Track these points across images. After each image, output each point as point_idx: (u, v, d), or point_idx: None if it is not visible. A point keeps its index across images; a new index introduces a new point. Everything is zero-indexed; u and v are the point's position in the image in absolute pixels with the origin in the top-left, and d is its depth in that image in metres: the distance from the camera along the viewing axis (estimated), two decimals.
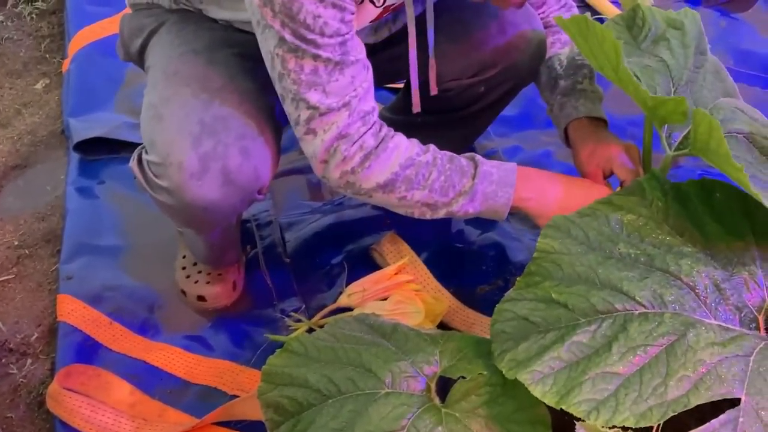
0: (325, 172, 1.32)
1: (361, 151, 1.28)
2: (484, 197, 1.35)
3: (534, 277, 1.12)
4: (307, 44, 1.20)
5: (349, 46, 1.24)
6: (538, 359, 1.03)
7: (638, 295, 1.06)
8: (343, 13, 1.20)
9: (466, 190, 1.34)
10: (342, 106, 1.25)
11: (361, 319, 1.35)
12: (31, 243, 1.82)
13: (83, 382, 1.50)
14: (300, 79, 1.23)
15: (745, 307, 1.10)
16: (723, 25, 2.35)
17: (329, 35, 1.20)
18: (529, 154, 1.97)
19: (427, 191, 1.33)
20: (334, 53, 1.22)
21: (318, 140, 1.28)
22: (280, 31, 1.20)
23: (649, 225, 1.15)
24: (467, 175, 1.34)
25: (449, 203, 1.34)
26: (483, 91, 1.56)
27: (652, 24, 1.38)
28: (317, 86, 1.23)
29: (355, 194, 1.34)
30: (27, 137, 2.08)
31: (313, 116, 1.25)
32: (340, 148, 1.28)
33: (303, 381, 1.22)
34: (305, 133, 1.28)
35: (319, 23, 1.19)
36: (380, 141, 1.30)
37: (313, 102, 1.24)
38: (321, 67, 1.22)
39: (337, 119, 1.25)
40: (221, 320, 1.64)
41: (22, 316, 1.67)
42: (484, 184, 1.34)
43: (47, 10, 2.49)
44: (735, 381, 1.01)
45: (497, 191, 1.35)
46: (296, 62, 1.22)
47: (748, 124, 1.34)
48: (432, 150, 1.34)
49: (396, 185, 1.32)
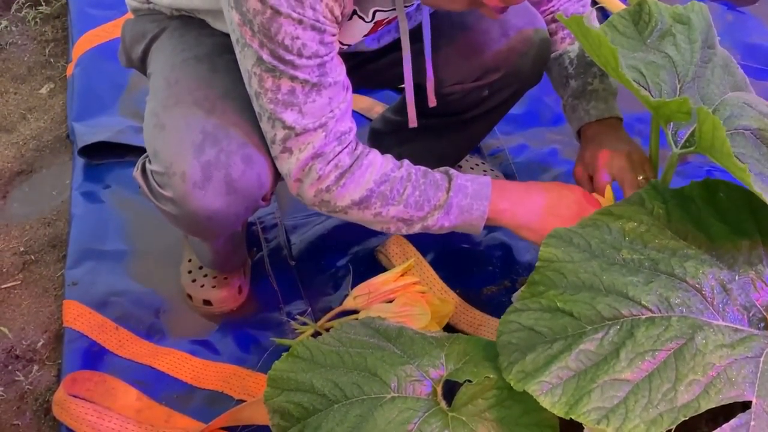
0: (299, 191, 1.32)
1: (337, 170, 1.28)
2: (459, 210, 1.34)
3: (538, 286, 1.11)
4: (285, 65, 1.20)
5: (327, 67, 1.24)
6: (546, 369, 1.02)
7: (644, 300, 1.05)
8: (322, 35, 1.20)
9: (441, 203, 1.33)
10: (318, 127, 1.25)
11: (366, 323, 1.34)
12: (36, 248, 1.82)
13: (89, 389, 1.50)
14: (277, 98, 1.23)
15: (753, 306, 1.09)
16: (730, 19, 2.32)
17: (307, 56, 1.20)
18: (535, 152, 1.96)
19: (402, 206, 1.32)
20: (311, 75, 1.22)
21: (293, 159, 1.28)
22: (258, 50, 1.19)
23: (651, 231, 1.14)
24: (442, 189, 1.34)
25: (424, 217, 1.34)
26: (487, 94, 1.55)
27: (659, 19, 1.37)
28: (294, 107, 1.23)
29: (331, 212, 1.34)
30: (32, 142, 2.07)
31: (289, 136, 1.25)
32: (315, 167, 1.28)
33: (309, 386, 1.21)
34: (281, 152, 1.28)
35: (297, 45, 1.18)
36: (355, 159, 1.30)
37: (290, 122, 1.24)
38: (298, 88, 1.22)
39: (312, 140, 1.26)
40: (227, 324, 1.63)
41: (28, 323, 1.67)
42: (458, 197, 1.34)
43: (51, 14, 2.48)
44: (745, 383, 1.00)
45: (472, 204, 1.34)
46: (273, 82, 1.22)
47: (756, 120, 1.32)
48: (406, 165, 1.34)
49: (371, 202, 1.31)
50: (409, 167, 1.34)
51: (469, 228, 1.38)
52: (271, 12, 1.16)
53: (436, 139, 1.67)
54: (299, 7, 1.16)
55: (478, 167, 1.83)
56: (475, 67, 1.50)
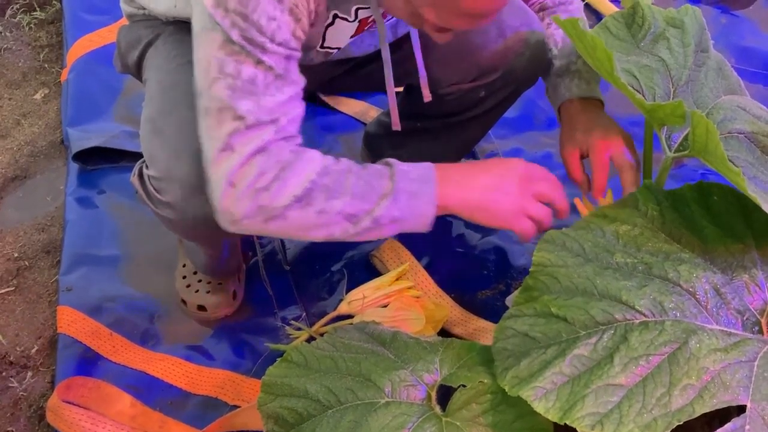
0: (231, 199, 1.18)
1: (278, 165, 1.18)
2: (407, 196, 1.23)
3: (532, 291, 1.11)
4: (254, 47, 1.14)
5: (291, 66, 1.18)
6: (540, 375, 1.02)
7: (638, 304, 1.05)
8: (297, 23, 1.16)
9: (387, 191, 1.23)
10: (271, 122, 1.17)
11: (360, 328, 1.34)
12: (30, 254, 1.81)
13: (83, 395, 1.49)
14: (235, 85, 1.15)
15: (747, 310, 1.09)
16: (724, 22, 2.33)
17: (278, 42, 1.15)
18: (530, 156, 1.96)
19: (349, 198, 1.21)
20: (277, 64, 1.16)
21: (234, 157, 1.17)
22: (228, 29, 1.13)
23: (645, 234, 1.14)
24: (385, 177, 1.24)
25: (372, 210, 1.22)
26: (483, 95, 1.55)
27: (652, 22, 1.37)
28: (251, 96, 1.15)
29: (268, 219, 1.20)
30: (26, 148, 2.07)
31: (238, 129, 1.16)
32: (257, 162, 1.17)
33: (303, 391, 1.21)
34: (221, 150, 1.17)
35: (272, 27, 1.14)
36: (295, 154, 1.20)
37: (243, 111, 1.15)
38: (260, 76, 1.15)
39: (262, 134, 1.17)
40: (222, 330, 1.63)
41: (22, 329, 1.67)
42: (404, 182, 1.24)
43: (45, 20, 2.48)
44: (740, 387, 1.00)
45: (420, 188, 1.24)
46: (235, 66, 1.15)
47: (750, 124, 1.32)
48: (344, 160, 1.25)
49: (314, 195, 1.20)
50: (348, 161, 1.25)
51: (420, 219, 1.26)
52: None
53: (431, 142, 1.67)
54: None
55: None
56: (471, 68, 1.50)
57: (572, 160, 1.42)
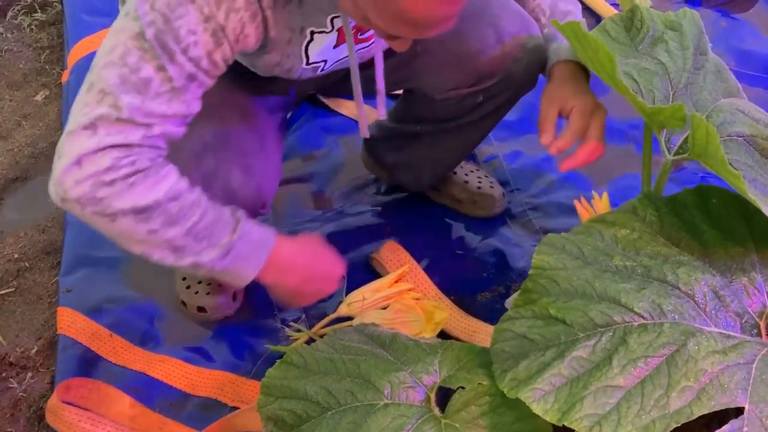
0: (68, 177, 1.13)
1: (132, 167, 1.13)
2: (236, 256, 1.24)
3: (531, 294, 1.11)
4: (163, 51, 1.11)
5: (192, 87, 1.15)
6: (539, 377, 1.02)
7: (636, 307, 1.05)
8: (217, 47, 1.14)
9: (223, 243, 1.22)
10: (143, 125, 1.13)
11: (360, 330, 1.34)
12: (31, 255, 1.81)
13: (83, 396, 1.49)
14: (129, 77, 1.11)
15: (746, 313, 1.09)
16: (724, 26, 2.33)
17: (189, 57, 1.12)
18: (530, 159, 1.96)
19: (183, 232, 1.18)
20: (178, 77, 1.13)
21: (93, 140, 1.11)
22: (145, 25, 1.10)
23: (644, 238, 1.14)
24: (228, 229, 1.23)
25: (199, 252, 1.21)
26: (482, 100, 1.55)
27: (651, 25, 1.37)
28: (139, 95, 1.11)
29: (96, 213, 1.15)
30: (27, 149, 2.07)
31: (110, 116, 1.11)
32: (111, 155, 1.11)
33: (302, 393, 1.21)
34: (83, 128, 1.11)
35: (189, 39, 1.11)
36: (154, 165, 1.16)
37: (123, 102, 1.11)
38: (156, 81, 1.12)
39: (130, 132, 1.12)
40: (222, 331, 1.63)
41: (22, 330, 1.67)
42: (241, 242, 1.24)
43: (46, 21, 2.49)
44: (738, 390, 1.00)
45: (250, 254, 1.26)
46: (137, 61, 1.11)
47: (749, 126, 1.32)
48: (198, 191, 1.21)
49: (153, 215, 1.15)
50: (201, 194, 1.21)
51: (235, 280, 1.28)
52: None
53: (431, 146, 1.67)
54: (214, 6, 1.11)
55: (473, 173, 1.83)
56: (469, 73, 1.50)
57: (550, 115, 1.39)
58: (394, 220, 1.81)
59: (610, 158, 1.93)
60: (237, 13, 1.13)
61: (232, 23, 1.13)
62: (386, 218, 1.81)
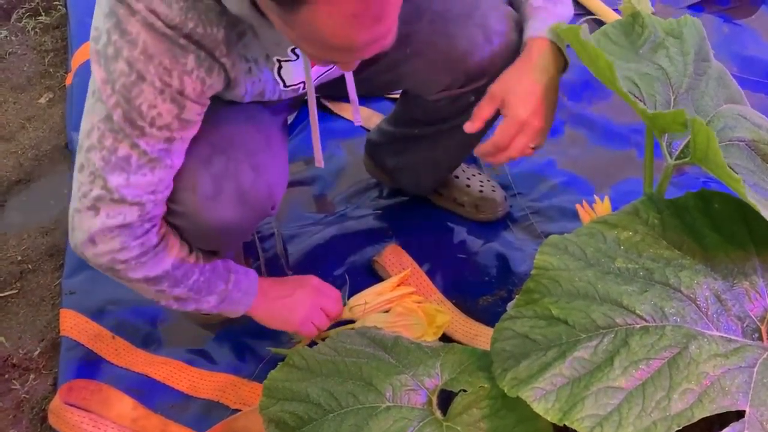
0: (87, 250, 1.27)
1: (142, 247, 1.26)
2: (230, 302, 1.41)
3: (533, 294, 1.11)
4: (133, 129, 1.18)
5: (174, 146, 1.22)
6: (540, 376, 1.02)
7: (639, 309, 1.06)
8: (181, 110, 1.18)
9: (220, 291, 1.39)
10: (135, 204, 1.22)
11: (362, 333, 1.34)
12: (34, 258, 1.82)
13: (85, 397, 1.50)
14: (110, 159, 1.19)
15: (747, 317, 1.09)
16: (726, 32, 2.33)
17: (158, 127, 1.18)
18: (532, 163, 1.96)
19: (186, 289, 1.35)
20: (153, 148, 1.19)
21: (98, 221, 1.23)
22: (111, 108, 1.17)
23: (646, 240, 1.15)
24: (223, 279, 1.39)
25: (199, 300, 1.38)
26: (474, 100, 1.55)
27: (652, 31, 1.38)
28: (123, 172, 1.20)
29: (114, 277, 1.32)
30: (31, 152, 2.08)
31: (104, 198, 1.21)
32: (119, 239, 1.24)
33: (304, 395, 1.22)
34: (87, 208, 1.23)
35: (152, 113, 1.17)
36: (161, 238, 1.29)
37: (112, 184, 1.20)
38: (134, 157, 1.19)
39: (126, 212, 1.22)
40: (224, 334, 1.63)
41: (25, 331, 1.67)
42: (235, 290, 1.41)
43: (51, 25, 2.49)
44: (739, 393, 1.00)
45: (242, 298, 1.43)
46: (113, 143, 1.19)
47: (750, 132, 1.33)
48: (195, 251, 1.36)
49: (162, 281, 1.31)
50: (198, 254, 1.36)
51: (229, 314, 1.46)
52: (136, 77, 1.14)
53: (430, 148, 1.67)
54: (166, 76, 1.15)
55: (475, 177, 1.84)
56: (460, 74, 1.50)
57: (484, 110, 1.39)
58: (396, 224, 1.81)
59: (611, 162, 1.96)
60: (191, 74, 1.17)
61: (190, 84, 1.17)
62: (388, 222, 1.82)
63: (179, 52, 1.15)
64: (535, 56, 1.37)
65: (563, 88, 2.14)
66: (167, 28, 1.13)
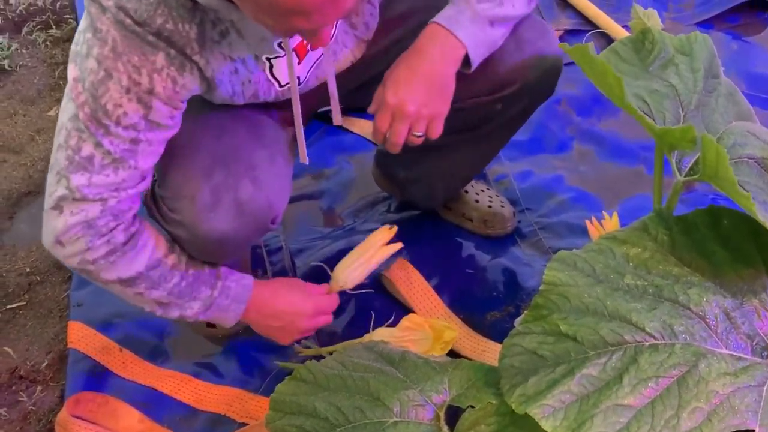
0: (59, 252, 1.27)
1: (108, 246, 1.25)
2: (217, 309, 1.39)
3: (541, 310, 1.10)
4: (98, 127, 1.18)
5: (140, 147, 1.21)
6: (549, 393, 1.02)
7: (648, 326, 1.05)
8: (147, 111, 1.18)
9: (203, 297, 1.36)
10: (97, 200, 1.22)
11: (369, 347, 1.34)
12: (42, 270, 1.82)
13: (92, 410, 1.50)
14: (73, 158, 1.20)
15: (757, 335, 1.09)
16: (735, 49, 2.33)
17: (124, 126, 1.18)
18: (540, 178, 1.96)
19: (166, 293, 1.33)
20: (117, 148, 1.19)
21: (61, 220, 1.23)
22: (79, 107, 1.18)
23: (656, 257, 1.14)
24: (208, 285, 1.37)
25: (183, 306, 1.36)
26: (500, 108, 1.55)
27: (662, 47, 1.38)
28: (85, 172, 1.20)
29: (91, 279, 1.32)
30: (40, 164, 2.09)
31: (67, 197, 1.22)
32: (84, 238, 1.24)
33: (311, 410, 1.21)
34: (52, 208, 1.24)
35: (118, 112, 1.17)
36: (130, 237, 1.27)
37: (73, 184, 1.20)
38: (97, 158, 1.20)
39: (87, 209, 1.22)
40: (231, 347, 1.63)
41: (32, 343, 1.67)
42: (221, 297, 1.38)
43: (61, 38, 2.51)
44: (748, 412, 1.00)
45: (230, 305, 1.40)
46: (77, 142, 1.19)
47: (760, 149, 1.32)
48: (178, 252, 1.34)
49: (137, 283, 1.30)
50: (180, 254, 1.34)
51: (221, 322, 1.44)
52: (104, 74, 1.15)
53: (447, 158, 1.66)
54: (135, 74, 1.15)
55: (484, 193, 1.83)
56: (489, 81, 1.49)
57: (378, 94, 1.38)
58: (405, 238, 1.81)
59: (620, 179, 1.96)
60: (161, 72, 1.17)
61: (160, 83, 1.18)
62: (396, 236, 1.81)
63: (148, 49, 1.15)
64: (420, 43, 1.36)
65: (571, 103, 2.17)
66: (136, 25, 1.13)
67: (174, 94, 1.20)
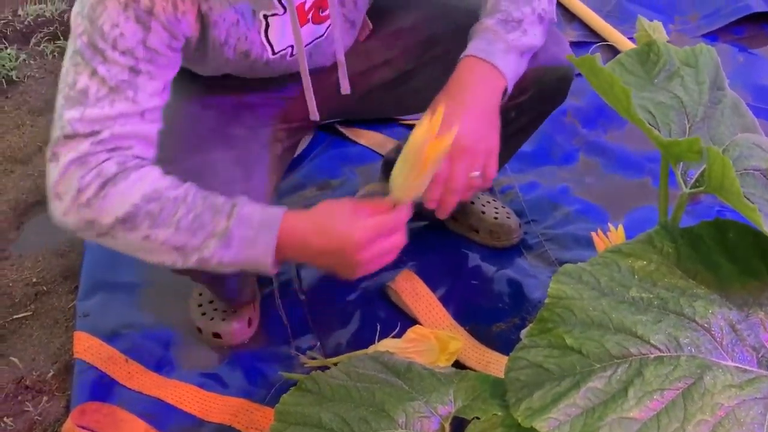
0: (62, 211, 1.15)
1: (99, 179, 1.13)
2: (241, 242, 1.17)
3: (547, 323, 1.10)
4: (94, 53, 1.12)
5: (138, 80, 1.14)
6: (554, 406, 1.02)
7: (653, 339, 1.05)
8: (146, 33, 1.13)
9: (219, 231, 1.16)
10: (89, 134, 1.13)
11: (375, 358, 1.34)
12: (49, 279, 1.83)
13: (98, 420, 1.50)
14: (69, 94, 1.13)
15: (763, 347, 1.08)
16: (741, 61, 2.34)
17: (121, 51, 1.12)
18: (546, 190, 1.96)
19: (173, 230, 1.15)
20: (113, 76, 1.12)
21: (57, 167, 1.14)
22: (78, 36, 1.13)
23: (661, 270, 1.14)
24: (222, 215, 1.17)
25: (200, 247, 1.17)
26: (514, 116, 1.55)
27: (667, 60, 1.38)
28: (80, 106, 1.13)
29: (99, 236, 1.16)
30: None
31: (59, 138, 1.13)
32: (75, 175, 1.13)
33: (316, 420, 1.21)
34: (50, 159, 1.15)
35: (114, 33, 1.11)
36: (123, 169, 1.15)
37: (65, 119, 1.13)
38: (92, 88, 1.12)
39: (78, 144, 1.13)
40: (236, 358, 1.63)
41: (38, 353, 1.68)
42: (242, 227, 1.17)
43: None
44: (754, 424, 1.00)
45: (257, 237, 1.18)
46: (73, 76, 1.13)
47: (766, 161, 1.32)
48: (186, 186, 1.18)
49: (137, 221, 1.14)
50: (189, 188, 1.18)
51: (256, 265, 1.21)
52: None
53: None
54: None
55: (490, 204, 1.84)
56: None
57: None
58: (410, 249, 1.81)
59: (626, 190, 1.96)
60: None
61: (160, 2, 1.13)
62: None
63: None
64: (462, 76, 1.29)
65: (577, 115, 2.18)
66: None
67: (174, 20, 1.15)
